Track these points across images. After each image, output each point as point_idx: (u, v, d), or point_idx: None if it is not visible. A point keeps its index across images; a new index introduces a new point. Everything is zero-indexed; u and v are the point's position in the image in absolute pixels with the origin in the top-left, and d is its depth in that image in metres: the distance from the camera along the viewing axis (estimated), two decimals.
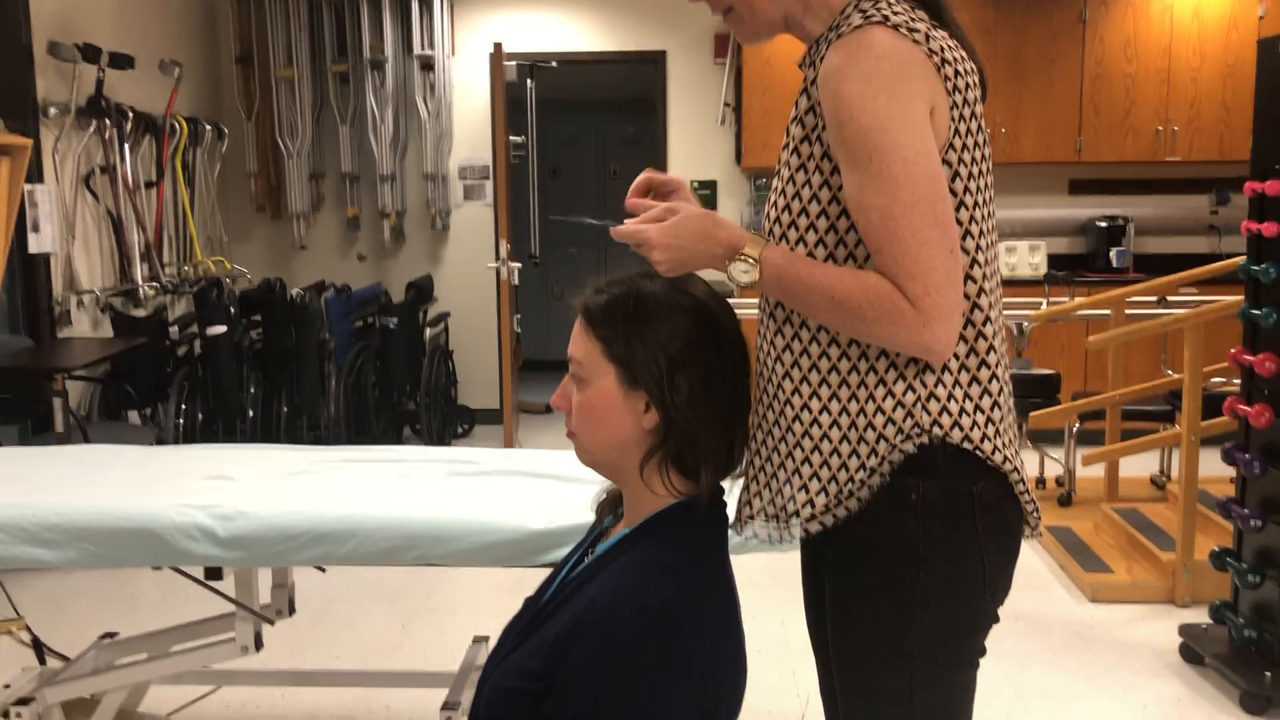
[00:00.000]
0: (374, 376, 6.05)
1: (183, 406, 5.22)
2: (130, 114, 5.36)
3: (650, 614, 1.22)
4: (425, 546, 2.24)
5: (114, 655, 2.74)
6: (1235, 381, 4.65)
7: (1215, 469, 4.24)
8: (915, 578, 1.34)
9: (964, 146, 1.35)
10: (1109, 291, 5.14)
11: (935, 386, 1.35)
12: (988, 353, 1.38)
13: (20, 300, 4.95)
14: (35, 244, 4.82)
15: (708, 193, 6.90)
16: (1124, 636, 3.73)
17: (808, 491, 1.39)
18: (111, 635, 2.81)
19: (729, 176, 6.91)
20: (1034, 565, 4.45)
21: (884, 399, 1.35)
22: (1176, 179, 6.68)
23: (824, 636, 1.50)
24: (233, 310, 5.45)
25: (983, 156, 1.39)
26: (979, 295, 1.37)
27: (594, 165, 8.76)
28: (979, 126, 1.38)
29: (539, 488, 2.46)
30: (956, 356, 1.36)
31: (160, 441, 5.09)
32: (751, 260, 1.34)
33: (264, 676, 2.93)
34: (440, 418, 6.38)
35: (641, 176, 1.50)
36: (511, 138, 6.31)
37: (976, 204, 1.37)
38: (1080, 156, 6.40)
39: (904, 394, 1.35)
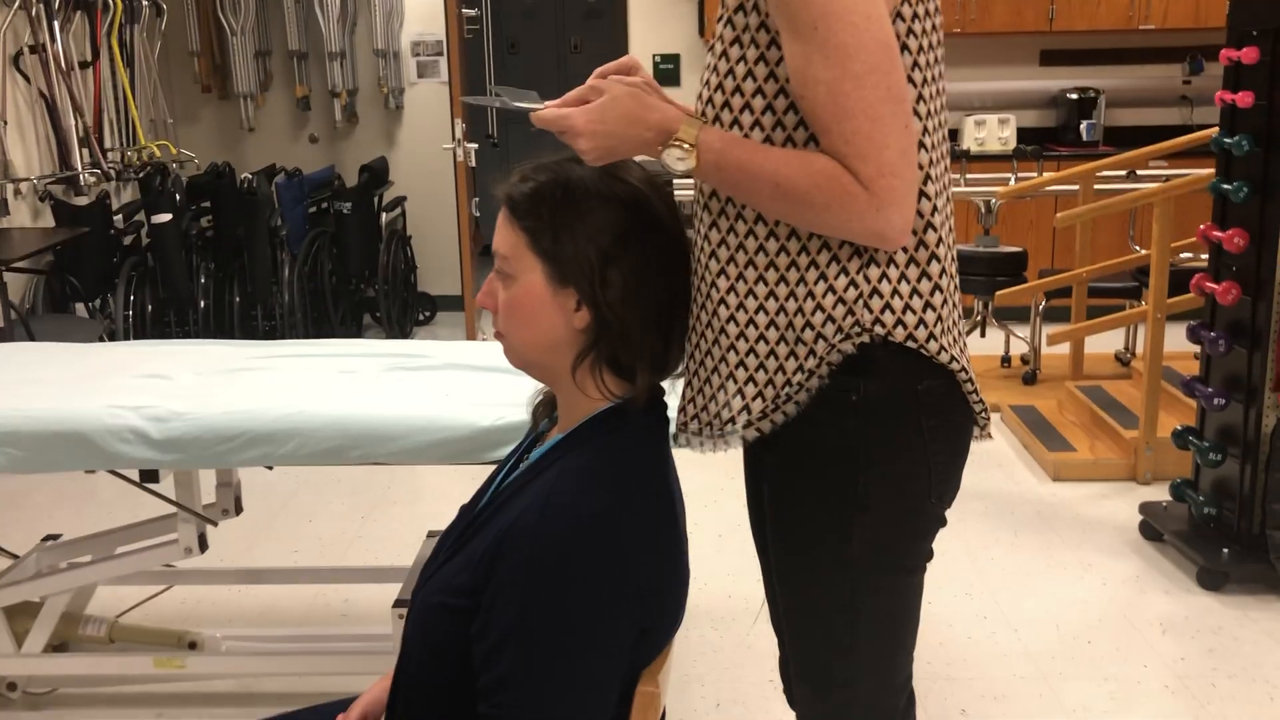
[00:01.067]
0: (330, 264, 5.90)
1: (131, 298, 5.07)
2: None
3: (581, 526, 1.15)
4: (369, 445, 2.16)
5: (57, 557, 2.68)
6: (1203, 258, 4.60)
7: (1180, 345, 4.21)
8: (855, 480, 1.27)
9: (914, 15, 1.24)
10: (1078, 166, 5.03)
11: (879, 281, 1.26)
12: (937, 245, 1.29)
13: None
14: None
15: (670, 67, 6.69)
16: (1085, 514, 3.74)
17: (743, 396, 1.31)
18: (55, 537, 2.74)
19: (693, 50, 6.69)
20: (997, 444, 4.45)
21: (824, 295, 1.26)
22: (1150, 48, 6.52)
23: (763, 541, 1.44)
24: (179, 197, 5.27)
25: (933, 26, 1.28)
26: (926, 183, 1.27)
27: (554, 39, 8.46)
28: None
29: (488, 381, 2.37)
30: (905, 249, 1.26)
31: (110, 334, 4.96)
32: (686, 145, 1.22)
33: (217, 575, 2.87)
34: (400, 305, 6.26)
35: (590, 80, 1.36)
36: (464, 10, 6.05)
37: (925, 80, 1.26)
38: (1052, 26, 6.22)
39: (845, 290, 1.26)
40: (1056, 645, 2.88)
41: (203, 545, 2.43)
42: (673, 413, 1.37)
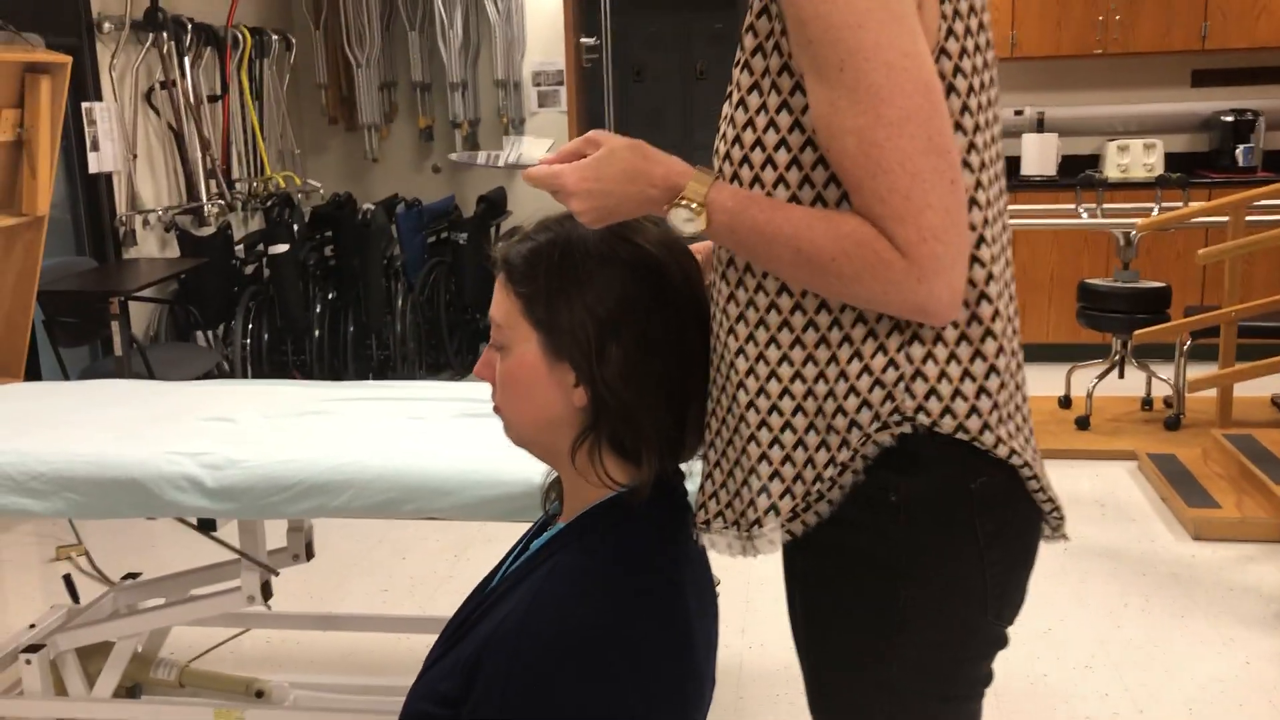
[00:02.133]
0: (447, 294, 5.91)
1: (249, 327, 5.15)
2: (189, 25, 5.22)
3: (566, 640, 1.01)
4: (422, 500, 2.06)
5: (134, 598, 2.67)
6: None
7: None
8: (896, 594, 1.09)
9: (962, 51, 1.06)
10: (1230, 195, 4.66)
11: (923, 362, 1.08)
12: (993, 319, 1.10)
13: (84, 221, 4.91)
14: (95, 163, 4.75)
15: None
16: (1229, 580, 3.40)
17: (769, 494, 1.14)
18: (134, 576, 2.73)
19: None
20: (1132, 496, 4.12)
21: (858, 377, 1.09)
22: None
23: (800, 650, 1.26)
24: (296, 227, 5.34)
25: (985, 64, 1.10)
26: (979, 246, 1.09)
27: (679, 65, 8.38)
28: (980, 23, 1.08)
29: None
30: (954, 324, 1.08)
31: (228, 362, 5.05)
32: (695, 205, 1.07)
33: (292, 620, 2.82)
34: None
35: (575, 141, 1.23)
36: (584, 39, 6.01)
37: (978, 126, 1.09)
38: (1205, 44, 5.82)
39: (883, 370, 1.08)
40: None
41: (266, 594, 2.37)
42: (694, 498, 1.22)
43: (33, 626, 2.67)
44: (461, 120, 6.39)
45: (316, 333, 5.29)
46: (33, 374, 4.39)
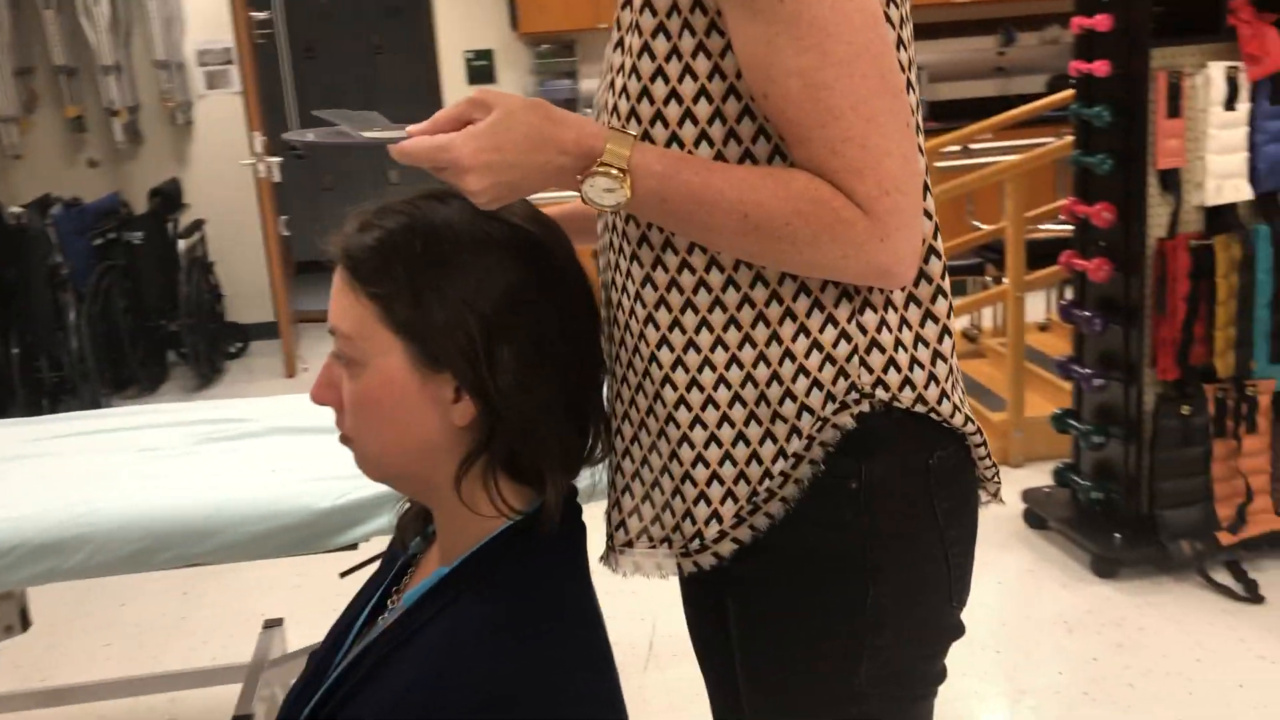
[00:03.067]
0: (124, 301, 5.31)
1: None
2: None
3: (494, 706, 0.83)
4: (180, 545, 1.77)
5: None
6: (1044, 228, 4.56)
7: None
8: (864, 591, 0.98)
9: None
10: None
11: (878, 330, 0.97)
12: (942, 275, 1.02)
13: None
14: None
15: (484, 63, 6.32)
16: None
17: (707, 500, 1.00)
18: None
19: (506, 44, 6.34)
20: None
21: (807, 355, 0.97)
22: (962, 20, 6.53)
23: (723, 669, 1.13)
24: None
25: None
26: (925, 194, 0.99)
27: (354, 40, 7.95)
28: None
29: (321, 447, 2.00)
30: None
31: None
32: (615, 171, 0.90)
33: (10, 700, 2.39)
34: (208, 338, 5.70)
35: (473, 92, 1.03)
36: (254, 14, 5.55)
37: (911, 61, 0.99)
38: None
39: (835, 344, 0.97)
40: (966, 658, 2.69)
41: None
42: (594, 518, 1.05)
43: None
44: (119, 107, 5.75)
45: None
46: None
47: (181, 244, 5.65)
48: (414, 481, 0.97)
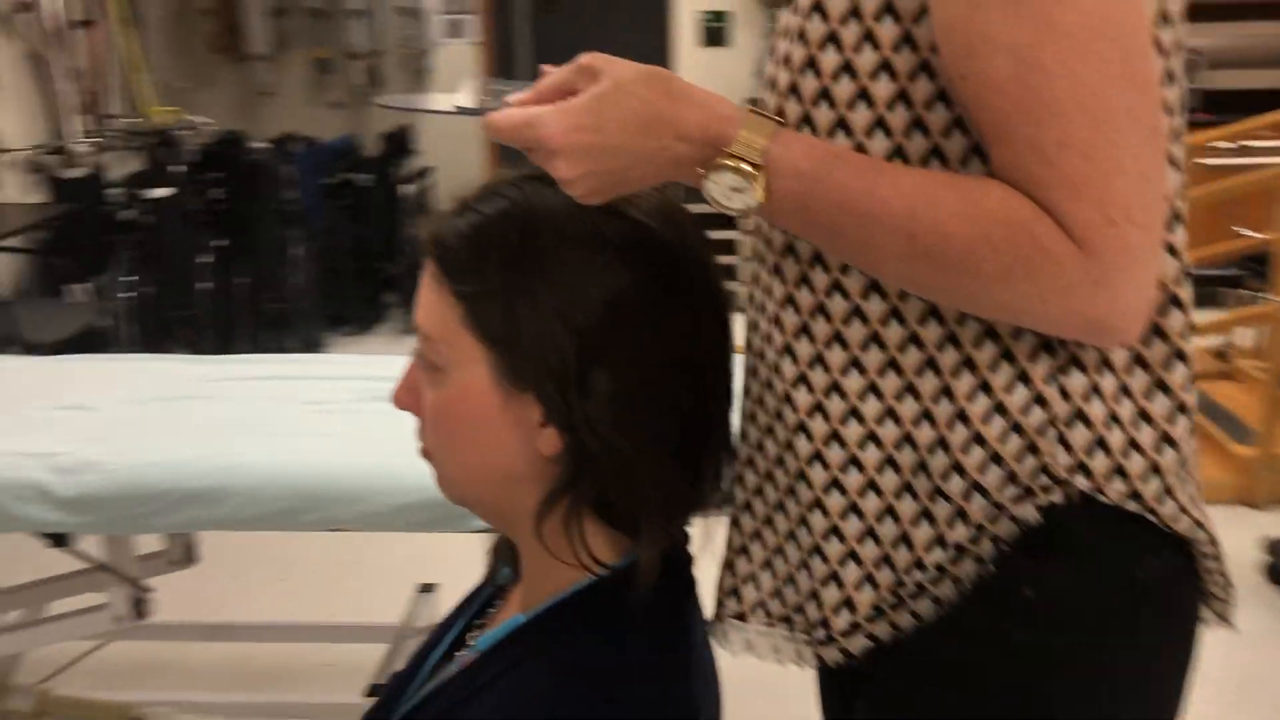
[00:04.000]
0: (348, 241, 5.47)
1: (128, 279, 4.66)
2: None
3: None
4: (324, 509, 1.71)
5: None
6: None
7: None
8: None
9: None
10: None
11: (1086, 398, 0.76)
12: (1182, 334, 0.79)
13: None
14: None
15: (721, 24, 6.13)
16: None
17: (841, 583, 0.81)
18: None
19: (745, 4, 6.13)
20: None
21: (985, 420, 0.76)
22: (1253, 2, 5.87)
23: None
24: (179, 169, 4.84)
25: None
26: (1173, 227, 0.77)
27: None
28: None
29: None
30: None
31: (106, 317, 4.56)
32: (748, 166, 0.71)
33: (170, 630, 2.45)
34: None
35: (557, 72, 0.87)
36: None
37: (1177, 44, 0.76)
38: None
39: (1025, 410, 0.75)
40: None
41: (139, 612, 2.00)
42: (708, 576, 0.88)
43: None
44: (362, 51, 5.90)
45: (204, 285, 4.82)
46: None
47: (407, 189, 5.77)
48: (494, 512, 0.84)
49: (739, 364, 0.86)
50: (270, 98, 6.12)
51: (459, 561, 3.20)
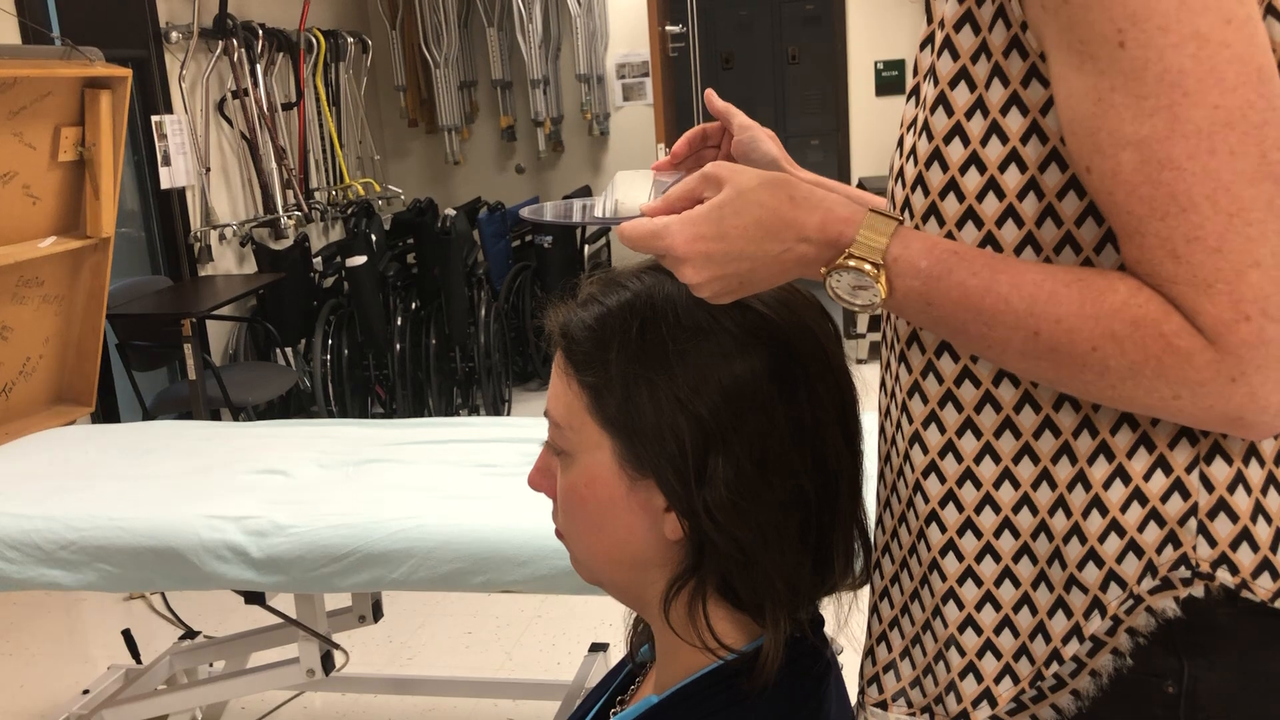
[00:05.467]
0: (532, 301, 5.65)
1: (329, 342, 4.95)
2: (260, 31, 5.04)
3: None
4: (493, 571, 1.78)
5: (191, 661, 2.44)
6: None
7: None
8: None
9: None
10: None
11: (1231, 489, 0.72)
12: None
13: (158, 238, 4.76)
14: (168, 178, 4.58)
15: (894, 74, 6.09)
16: None
17: (977, 675, 0.80)
18: (192, 635, 2.50)
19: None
20: None
21: (1124, 506, 0.73)
22: None
23: None
24: (375, 237, 5.13)
25: None
26: None
27: (770, 50, 8.00)
28: None
29: None
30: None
31: (308, 380, 4.85)
32: (870, 266, 0.73)
33: (360, 683, 2.57)
34: None
35: (691, 131, 0.90)
36: (669, 27, 5.69)
37: None
38: None
39: (1165, 497, 0.72)
40: None
41: (327, 667, 2.11)
42: (847, 660, 0.88)
43: (86, 692, 2.46)
44: (544, 118, 6.13)
45: (398, 346, 5.07)
46: (107, 398, 4.25)
47: (587, 250, 5.93)
48: (625, 593, 0.86)
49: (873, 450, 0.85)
50: (459, 166, 6.42)
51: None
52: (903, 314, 0.76)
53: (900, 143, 0.82)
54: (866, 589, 0.89)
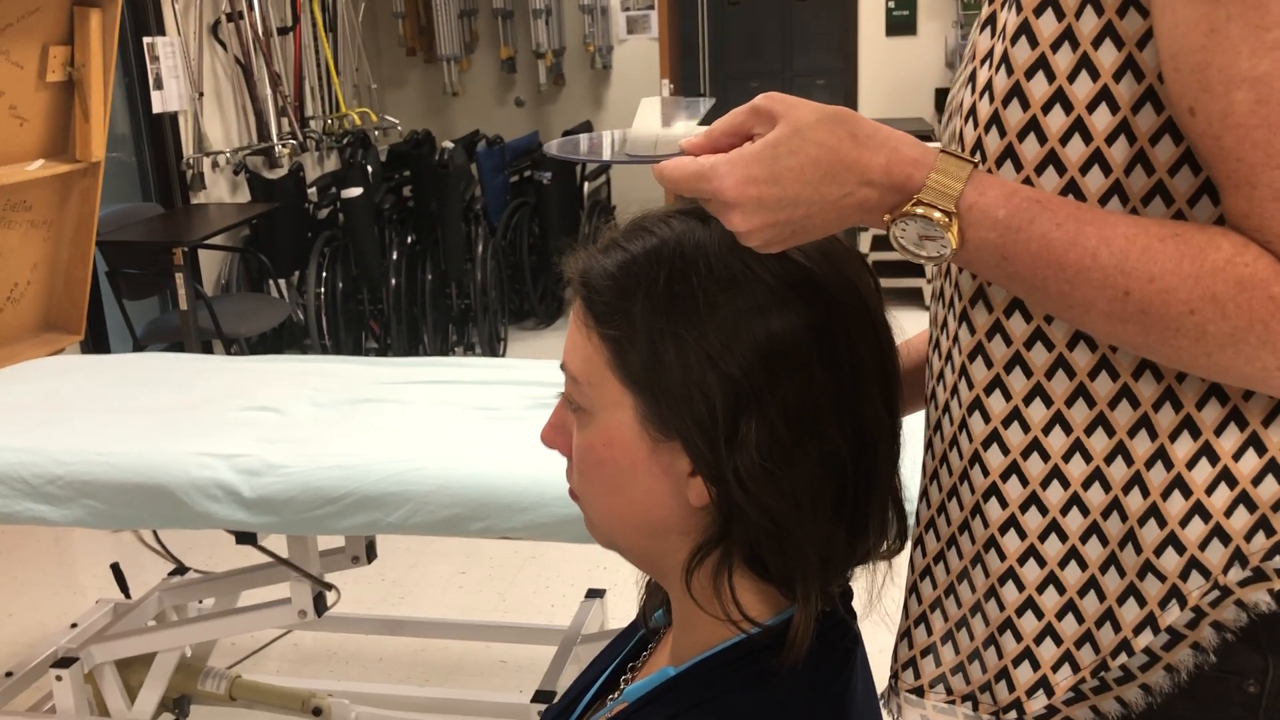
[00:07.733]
0: (530, 237, 5.57)
1: (323, 275, 4.87)
2: None
3: None
4: (493, 517, 1.73)
5: (180, 597, 2.40)
6: None
7: None
8: None
9: None
10: None
11: None
12: None
13: (149, 164, 4.65)
14: (159, 102, 4.47)
15: (905, 13, 5.96)
16: None
17: (1035, 661, 0.74)
18: (182, 571, 2.46)
19: None
20: None
21: (1210, 487, 0.67)
22: None
23: None
24: (371, 169, 5.03)
25: None
26: None
27: None
28: None
29: None
30: None
31: (301, 312, 4.78)
32: (940, 213, 0.65)
33: (351, 623, 2.53)
34: None
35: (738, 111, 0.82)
36: None
37: None
38: None
39: (1257, 479, 0.67)
40: None
41: (319, 608, 2.07)
42: (876, 641, 0.83)
43: (74, 626, 2.42)
44: (545, 50, 5.99)
45: (393, 281, 4.99)
46: (97, 327, 4.18)
47: (587, 186, 5.83)
48: (642, 559, 0.80)
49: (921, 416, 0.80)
50: (457, 98, 6.29)
51: (630, 569, 3.25)
52: (973, 268, 0.70)
53: (973, 78, 0.74)
54: (904, 566, 0.84)
